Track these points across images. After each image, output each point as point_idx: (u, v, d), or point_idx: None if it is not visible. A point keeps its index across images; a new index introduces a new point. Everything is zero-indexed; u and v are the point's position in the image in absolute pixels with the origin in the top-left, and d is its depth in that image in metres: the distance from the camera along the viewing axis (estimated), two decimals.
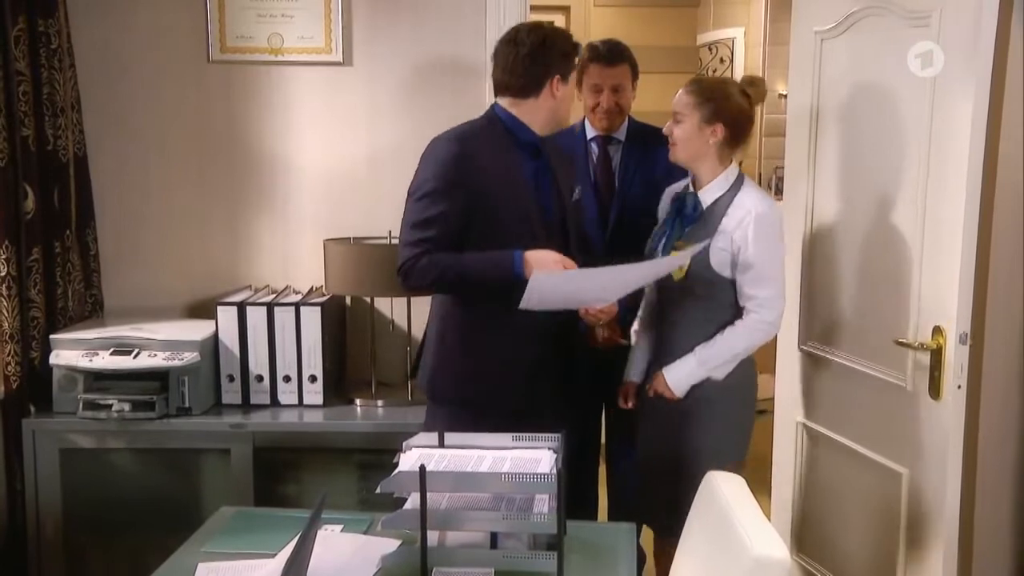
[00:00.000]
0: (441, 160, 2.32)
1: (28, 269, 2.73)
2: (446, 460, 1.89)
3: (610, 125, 2.95)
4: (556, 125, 2.47)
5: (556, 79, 2.38)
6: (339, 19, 3.01)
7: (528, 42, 2.37)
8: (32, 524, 2.72)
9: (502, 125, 2.41)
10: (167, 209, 3.09)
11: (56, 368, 2.73)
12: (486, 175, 2.32)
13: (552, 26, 2.47)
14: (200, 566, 1.85)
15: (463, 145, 2.33)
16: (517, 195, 2.37)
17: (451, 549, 1.82)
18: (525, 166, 2.42)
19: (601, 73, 2.90)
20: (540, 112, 2.41)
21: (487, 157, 2.35)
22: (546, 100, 2.40)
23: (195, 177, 3.08)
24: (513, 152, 2.40)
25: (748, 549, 1.49)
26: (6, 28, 2.59)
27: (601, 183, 2.96)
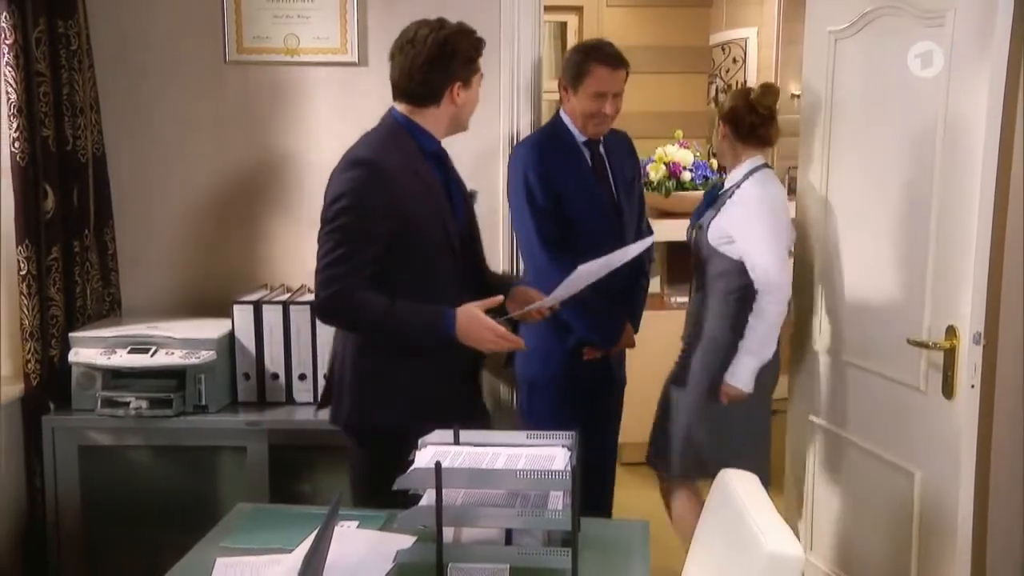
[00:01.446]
0: (358, 184, 2.19)
1: (48, 268, 2.76)
2: (461, 457, 1.90)
3: (601, 133, 2.87)
4: (457, 130, 2.38)
5: (457, 86, 2.28)
6: (354, 20, 3.03)
7: (427, 47, 2.25)
8: (51, 519, 2.76)
9: (406, 133, 2.29)
10: (184, 209, 3.12)
11: (75, 366, 2.77)
12: (404, 193, 2.21)
13: (456, 26, 2.32)
14: (218, 561, 1.87)
15: (377, 164, 2.20)
16: (436, 208, 2.29)
17: (466, 545, 1.84)
18: (435, 175, 2.33)
19: (608, 77, 2.78)
20: (441, 119, 2.31)
21: (402, 172, 2.23)
22: (447, 107, 2.29)
23: (211, 177, 3.11)
24: (422, 162, 2.29)
25: (762, 546, 1.50)
26: (27, 30, 2.62)
27: (601, 184, 2.90)
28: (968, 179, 2.21)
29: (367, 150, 2.25)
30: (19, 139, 2.63)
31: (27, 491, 2.78)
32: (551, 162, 2.82)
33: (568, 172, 2.83)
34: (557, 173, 2.81)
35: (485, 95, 3.03)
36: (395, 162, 2.23)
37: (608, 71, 2.78)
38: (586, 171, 2.86)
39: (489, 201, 3.09)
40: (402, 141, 2.28)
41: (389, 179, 2.20)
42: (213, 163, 3.10)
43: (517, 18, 3.04)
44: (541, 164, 2.81)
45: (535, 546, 1.84)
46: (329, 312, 2.23)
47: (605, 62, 2.78)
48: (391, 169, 2.21)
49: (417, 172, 2.27)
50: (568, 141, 2.86)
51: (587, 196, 2.84)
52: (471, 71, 2.31)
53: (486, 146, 3.08)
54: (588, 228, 2.81)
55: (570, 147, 2.85)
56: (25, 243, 2.69)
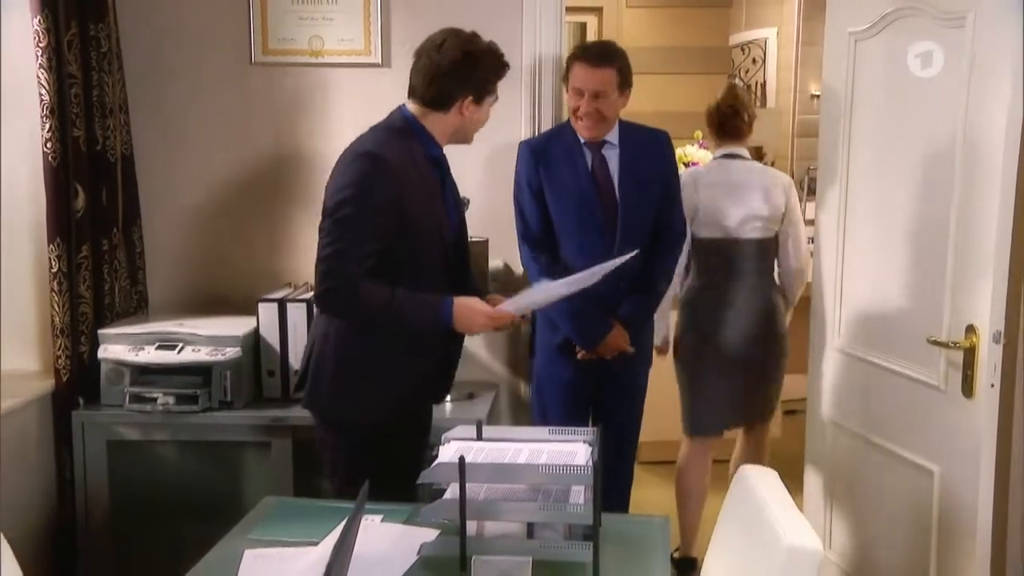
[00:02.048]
0: (363, 176, 2.21)
1: (78, 266, 2.81)
2: (484, 452, 1.93)
3: (592, 134, 2.80)
4: (459, 141, 2.41)
5: (468, 100, 2.31)
6: (378, 21, 3.07)
7: (450, 55, 2.29)
8: (81, 512, 2.81)
9: (411, 132, 2.33)
10: (210, 208, 3.17)
11: (104, 362, 2.82)
12: (406, 189, 2.24)
13: (486, 45, 2.36)
14: (247, 552, 1.90)
15: (382, 158, 2.23)
16: (433, 208, 2.32)
17: (489, 538, 1.86)
18: (434, 177, 2.36)
19: (583, 75, 2.74)
20: (446, 127, 2.34)
21: (405, 169, 2.26)
22: (454, 117, 2.33)
23: (237, 177, 3.15)
24: (423, 162, 2.33)
25: (781, 540, 1.52)
26: (60, 33, 2.67)
27: (602, 189, 2.83)
28: (988, 179, 2.21)
29: (373, 144, 2.28)
30: (51, 139, 2.69)
31: (57, 484, 2.84)
32: (542, 161, 2.83)
33: (558, 172, 2.82)
34: (546, 172, 2.82)
35: (507, 95, 3.06)
36: (399, 158, 2.26)
37: (584, 68, 2.75)
38: (580, 172, 2.82)
39: (508, 202, 3.12)
40: (407, 139, 2.31)
41: (393, 174, 2.22)
42: (238, 163, 3.15)
43: (539, 19, 3.07)
44: (532, 163, 2.84)
45: (557, 539, 1.86)
46: (330, 303, 2.25)
47: (582, 59, 2.76)
48: (395, 164, 2.24)
49: (418, 171, 2.30)
50: (568, 141, 2.84)
51: (573, 197, 2.81)
52: (486, 91, 2.34)
53: (506, 146, 3.10)
54: (571, 228, 2.82)
55: (569, 147, 2.83)
56: (56, 241, 2.74)
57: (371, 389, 2.30)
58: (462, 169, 3.09)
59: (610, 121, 2.80)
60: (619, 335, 2.81)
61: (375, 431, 2.31)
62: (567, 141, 2.85)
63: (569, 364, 2.86)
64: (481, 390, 3.05)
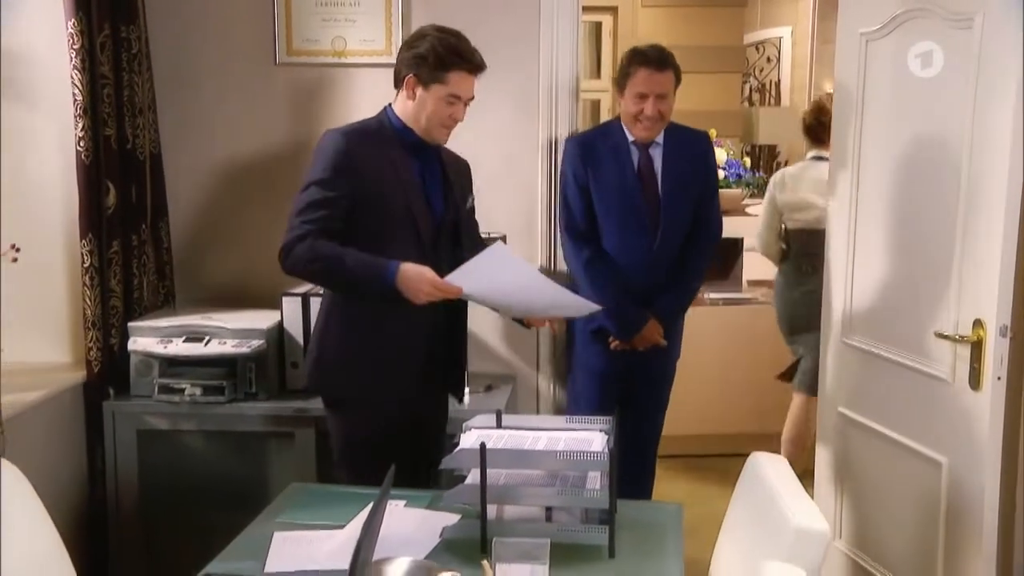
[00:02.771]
0: (330, 152, 2.34)
1: (108, 261, 2.89)
2: (504, 440, 2.01)
3: (651, 135, 2.94)
4: (424, 133, 2.42)
5: (412, 78, 2.37)
6: (399, 22, 3.14)
7: (412, 38, 2.44)
8: (112, 499, 2.90)
9: (391, 125, 2.43)
10: (234, 205, 3.24)
11: (133, 354, 2.89)
12: (372, 169, 2.35)
13: (448, 34, 2.41)
14: (276, 535, 1.98)
15: (351, 138, 2.36)
16: (403, 192, 2.38)
17: (508, 522, 1.93)
18: (412, 165, 2.42)
19: (649, 79, 2.87)
20: (406, 109, 2.40)
21: (374, 152, 2.36)
22: (405, 96, 2.40)
23: (261, 174, 3.23)
24: (400, 151, 2.41)
25: (789, 521, 1.58)
26: (93, 35, 2.75)
27: (646, 187, 2.96)
28: (994, 175, 2.26)
29: (348, 127, 2.43)
30: (84, 138, 2.77)
31: (88, 472, 2.92)
32: (588, 158, 2.96)
33: (604, 169, 2.94)
34: (592, 169, 2.95)
35: (525, 94, 3.15)
36: (366, 139, 2.38)
37: (648, 72, 2.86)
38: (626, 171, 2.94)
39: (528, 196, 3.19)
40: (380, 125, 2.43)
41: (358, 153, 2.34)
42: (262, 161, 3.22)
43: (556, 18, 3.13)
44: (579, 158, 2.97)
45: (574, 523, 1.93)
46: (289, 254, 2.31)
47: (645, 64, 2.87)
48: (363, 145, 2.36)
49: (388, 154, 2.39)
50: (616, 140, 2.95)
51: (618, 194, 2.93)
52: (433, 76, 2.36)
53: (525, 144, 3.18)
54: (614, 224, 2.95)
55: (616, 146, 2.95)
56: (88, 237, 2.83)
57: (347, 366, 2.42)
58: (479, 167, 3.18)
59: (665, 122, 2.94)
60: (654, 328, 2.95)
61: (358, 409, 2.42)
62: (615, 140, 2.96)
63: (603, 352, 3.00)
64: (499, 382, 3.12)
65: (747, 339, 4.30)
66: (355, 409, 2.45)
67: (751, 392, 4.27)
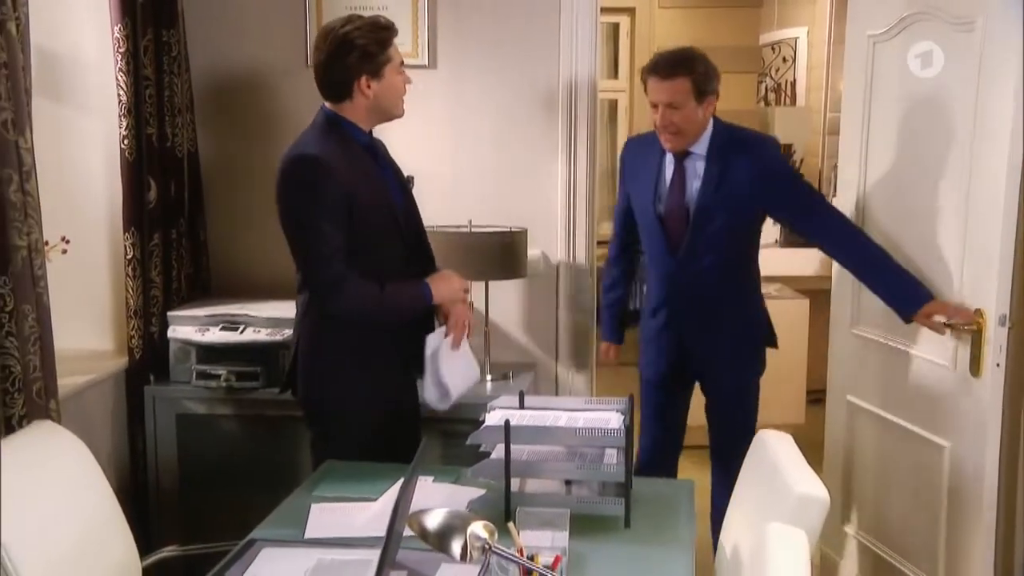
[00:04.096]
0: (310, 179, 2.30)
1: (149, 253, 3.03)
2: (527, 418, 2.13)
3: (671, 146, 2.77)
4: (387, 118, 2.43)
5: (364, 79, 2.34)
6: (425, 25, 3.26)
7: (327, 47, 2.33)
8: (152, 478, 3.04)
9: (336, 127, 2.38)
10: (266, 201, 3.34)
11: (173, 342, 3.02)
12: (348, 181, 2.32)
13: (360, 21, 2.36)
14: (314, 506, 2.11)
15: (321, 158, 2.30)
16: (378, 194, 2.40)
17: (530, 495, 2.06)
18: (372, 165, 2.42)
19: (656, 89, 2.71)
20: (359, 112, 2.38)
21: (342, 163, 2.33)
22: (361, 101, 2.36)
23: None
24: (357, 152, 2.39)
25: (792, 489, 1.71)
26: (137, 39, 2.90)
27: (675, 203, 2.81)
28: (995, 171, 2.37)
29: (306, 146, 2.35)
30: (127, 136, 2.92)
31: (130, 454, 3.06)
32: (629, 162, 3.02)
33: (636, 178, 2.95)
34: (631, 174, 3.00)
35: (544, 95, 3.27)
36: (332, 153, 2.33)
37: (655, 82, 2.72)
38: (650, 181, 2.84)
39: (548, 192, 3.31)
40: (335, 134, 2.38)
41: (334, 170, 2.30)
42: None
43: (576, 19, 3.24)
44: (621, 164, 3.06)
45: (592, 496, 2.06)
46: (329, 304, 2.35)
47: (652, 72, 2.73)
48: (334, 161, 2.31)
49: (354, 162, 2.37)
50: (651, 149, 2.85)
51: (641, 205, 2.91)
52: (379, 63, 2.35)
53: (545, 141, 3.30)
54: (643, 234, 2.97)
55: (648, 156, 2.86)
56: (131, 230, 2.97)
57: (335, 380, 2.43)
58: (500, 164, 3.31)
59: (688, 133, 2.72)
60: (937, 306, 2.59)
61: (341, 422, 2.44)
62: (651, 148, 2.85)
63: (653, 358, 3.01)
64: (519, 371, 3.24)
65: None
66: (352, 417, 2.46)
67: (765, 386, 4.35)
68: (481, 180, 3.31)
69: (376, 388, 2.45)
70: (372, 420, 2.45)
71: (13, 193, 2.13)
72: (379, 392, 2.46)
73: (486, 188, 3.30)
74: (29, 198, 2.20)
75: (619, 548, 1.91)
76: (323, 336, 2.44)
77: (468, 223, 3.12)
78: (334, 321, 2.41)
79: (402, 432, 2.55)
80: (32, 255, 2.21)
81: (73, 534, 1.84)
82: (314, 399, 2.49)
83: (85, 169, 3.07)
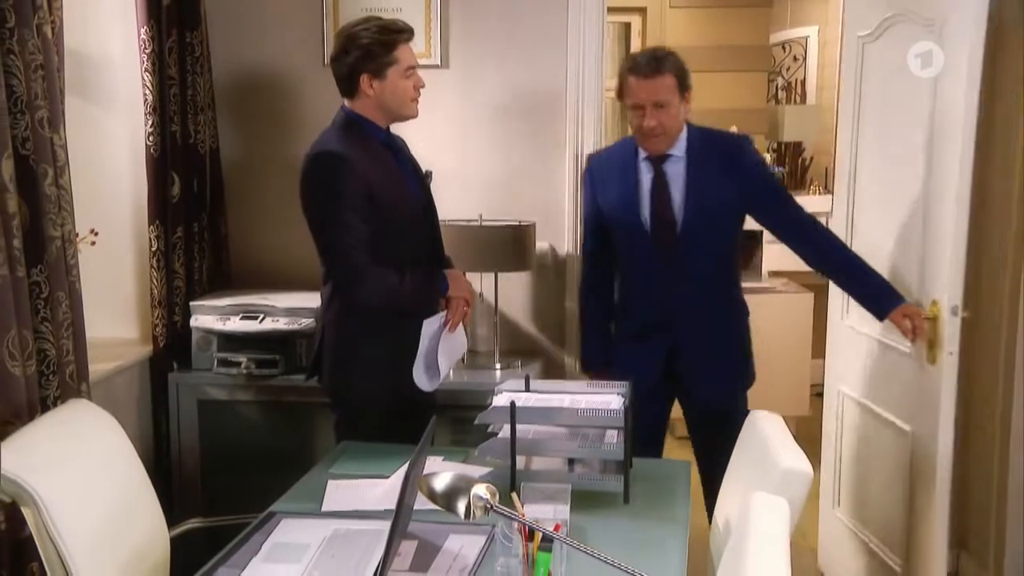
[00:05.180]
0: (333, 175, 2.39)
1: (173, 245, 3.15)
2: (532, 400, 2.24)
3: (659, 148, 2.63)
4: (395, 118, 2.53)
5: (366, 78, 2.43)
6: (438, 25, 3.38)
7: (335, 50, 2.47)
8: (175, 461, 3.16)
9: (355, 124, 2.48)
10: (285, 195, 3.45)
11: (195, 330, 3.14)
12: (371, 177, 2.41)
13: (364, 21, 2.45)
14: (330, 482, 2.23)
15: (343, 154, 2.39)
16: (398, 189, 2.49)
17: (535, 472, 2.17)
18: (391, 160, 2.52)
19: (640, 88, 2.57)
20: (368, 109, 2.48)
21: (364, 158, 2.42)
22: (366, 99, 2.46)
23: None
24: (376, 148, 2.49)
25: (778, 463, 1.81)
26: (162, 41, 3.03)
27: (657, 211, 2.67)
28: (950, 166, 2.47)
29: (328, 144, 2.45)
30: (153, 133, 3.05)
31: (154, 437, 3.19)
32: (598, 175, 2.82)
33: (609, 189, 2.77)
34: (601, 188, 2.80)
35: (552, 94, 3.38)
36: (355, 150, 2.43)
37: (638, 80, 2.58)
38: (629, 189, 2.69)
39: (555, 189, 3.42)
40: (354, 132, 2.48)
41: (355, 166, 2.39)
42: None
43: (584, 19, 3.33)
44: (590, 177, 2.86)
45: (594, 474, 2.17)
46: (353, 291, 2.47)
47: (634, 71, 2.59)
48: (355, 157, 2.41)
49: (373, 158, 2.46)
50: (625, 157, 2.73)
51: (621, 215, 2.72)
52: (382, 63, 2.43)
53: (554, 139, 3.41)
54: (623, 247, 2.79)
55: (623, 164, 2.72)
56: (156, 223, 3.10)
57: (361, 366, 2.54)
58: (511, 162, 3.42)
59: (672, 132, 2.62)
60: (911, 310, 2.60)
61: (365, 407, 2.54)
62: (624, 157, 2.72)
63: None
64: (527, 359, 3.35)
65: (767, 327, 4.47)
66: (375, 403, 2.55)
67: (770, 378, 4.44)
68: (491, 176, 3.43)
69: (397, 375, 2.55)
70: (393, 405, 2.56)
71: (48, 187, 2.26)
72: (400, 379, 2.56)
73: (496, 183, 3.42)
74: (63, 192, 2.33)
75: (618, 522, 2.01)
76: (348, 326, 2.54)
77: (479, 217, 3.24)
78: (358, 312, 2.51)
79: (420, 417, 2.63)
80: (65, 245, 2.34)
81: (108, 500, 1.96)
82: (340, 386, 2.59)
83: (112, 165, 3.20)
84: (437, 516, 1.93)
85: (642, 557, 1.75)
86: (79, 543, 1.78)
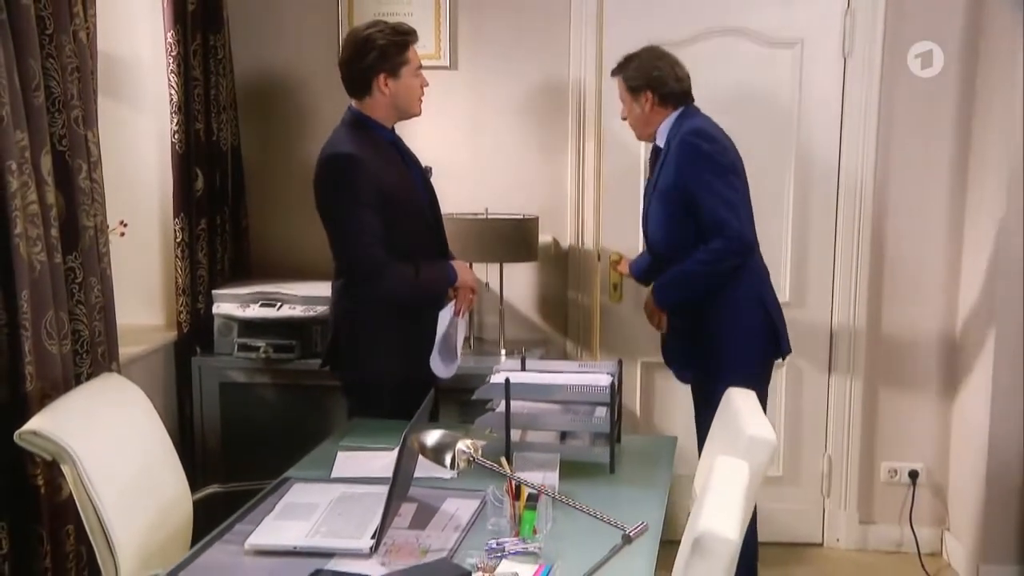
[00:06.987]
0: (346, 174, 2.48)
1: (196, 237, 3.34)
2: (526, 377, 2.41)
3: (638, 138, 2.99)
4: (404, 116, 2.63)
5: (382, 77, 2.53)
6: (447, 27, 3.53)
7: (349, 46, 2.56)
8: (199, 441, 3.34)
9: (363, 124, 2.57)
10: (301, 191, 3.61)
11: (217, 317, 3.30)
12: (381, 175, 2.51)
13: (382, 25, 2.55)
14: (339, 453, 2.41)
15: (354, 153, 2.48)
16: (407, 187, 2.59)
17: (529, 444, 2.33)
18: (399, 160, 2.62)
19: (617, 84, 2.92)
20: (380, 108, 2.57)
21: (374, 157, 2.51)
22: (380, 97, 2.55)
23: None
24: (384, 147, 2.58)
25: (744, 432, 1.97)
26: (187, 43, 3.21)
27: (647, 196, 2.99)
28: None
29: (342, 145, 2.54)
30: (178, 131, 3.24)
31: (179, 417, 3.37)
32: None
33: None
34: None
35: (555, 93, 3.52)
36: (365, 150, 2.52)
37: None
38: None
39: (559, 182, 3.56)
40: (362, 131, 2.58)
41: (366, 165, 2.49)
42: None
43: (585, 20, 3.47)
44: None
45: (584, 446, 2.33)
46: (370, 286, 2.56)
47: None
48: (366, 156, 2.50)
49: (382, 156, 2.57)
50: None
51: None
52: (397, 63, 2.55)
53: (555, 138, 3.55)
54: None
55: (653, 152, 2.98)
56: (181, 216, 3.29)
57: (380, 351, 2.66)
58: (516, 156, 3.57)
59: (634, 127, 2.91)
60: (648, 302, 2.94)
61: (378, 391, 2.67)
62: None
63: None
64: (531, 346, 3.50)
65: None
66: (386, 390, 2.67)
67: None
68: (497, 171, 3.58)
69: (408, 364, 2.69)
70: (404, 392, 2.67)
71: (83, 180, 2.45)
72: (411, 367, 2.70)
73: (501, 178, 3.57)
74: (96, 185, 2.52)
75: (603, 488, 2.17)
76: (360, 318, 2.66)
77: (484, 210, 3.40)
78: (370, 304, 2.62)
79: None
80: (98, 235, 2.53)
81: (136, 460, 2.16)
82: (353, 374, 2.73)
83: (141, 160, 3.38)
84: (435, 483, 2.11)
85: (622, 513, 1.85)
86: (111, 497, 1.97)
